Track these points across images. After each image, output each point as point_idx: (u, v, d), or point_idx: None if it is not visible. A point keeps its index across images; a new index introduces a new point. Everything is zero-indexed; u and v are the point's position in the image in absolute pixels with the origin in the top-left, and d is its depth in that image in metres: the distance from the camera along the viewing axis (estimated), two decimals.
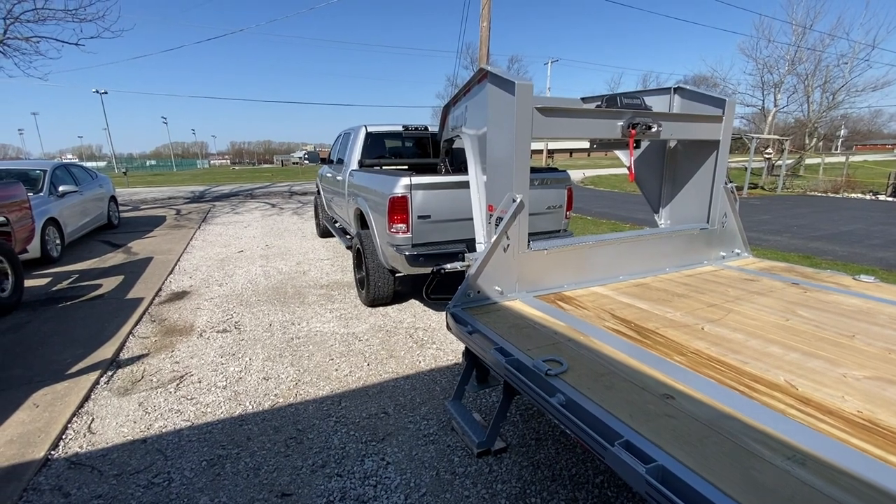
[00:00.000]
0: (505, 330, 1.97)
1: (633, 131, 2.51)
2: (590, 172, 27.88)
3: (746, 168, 15.91)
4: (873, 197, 14.39)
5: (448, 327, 2.27)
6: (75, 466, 2.36)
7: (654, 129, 2.59)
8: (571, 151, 70.31)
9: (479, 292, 2.34)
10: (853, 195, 14.94)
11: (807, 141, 21.41)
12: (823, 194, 15.54)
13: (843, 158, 19.89)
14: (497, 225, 2.34)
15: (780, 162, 17.48)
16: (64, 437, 2.59)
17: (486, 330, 1.97)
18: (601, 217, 10.68)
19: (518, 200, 2.31)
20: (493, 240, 2.29)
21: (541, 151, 39.94)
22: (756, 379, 1.52)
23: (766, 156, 19.35)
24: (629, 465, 1.12)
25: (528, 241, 2.47)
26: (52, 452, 2.46)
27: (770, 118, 21.71)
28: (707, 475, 1.06)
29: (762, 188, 17.61)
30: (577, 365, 1.62)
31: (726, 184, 3.05)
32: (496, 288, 2.38)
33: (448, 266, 2.55)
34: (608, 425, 1.25)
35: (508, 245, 2.36)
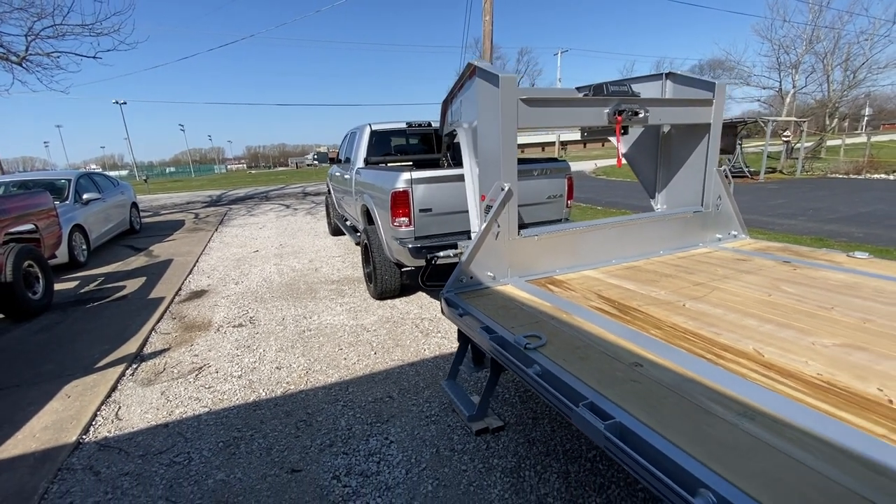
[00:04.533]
0: (493, 311, 2.08)
1: (620, 118, 2.58)
2: (602, 163, 27.60)
3: (763, 152, 15.57)
4: None
5: (442, 311, 2.39)
6: (104, 449, 2.56)
7: (641, 115, 2.65)
8: (585, 142, 69.58)
9: (471, 278, 2.44)
10: (876, 176, 14.50)
11: (827, 122, 20.82)
12: (845, 176, 15.11)
13: (865, 139, 19.26)
14: (487, 213, 2.44)
15: (798, 145, 17.05)
16: (94, 423, 2.80)
17: (476, 311, 2.08)
18: (611, 207, 10.64)
19: (507, 188, 2.40)
20: (483, 227, 2.40)
21: (553, 143, 39.60)
22: (726, 348, 1.60)
23: (785, 139, 18.88)
24: (590, 422, 1.22)
25: (519, 228, 2.57)
26: (84, 437, 2.67)
27: (788, 100, 21.17)
28: (661, 430, 1.16)
29: (781, 172, 17.21)
30: (555, 339, 1.72)
31: (719, 166, 3.09)
32: (488, 273, 2.49)
33: (441, 254, 2.66)
34: (576, 390, 1.35)
35: (499, 232, 2.46)
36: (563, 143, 55.69)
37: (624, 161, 3.40)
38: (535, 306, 2.11)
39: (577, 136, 3.31)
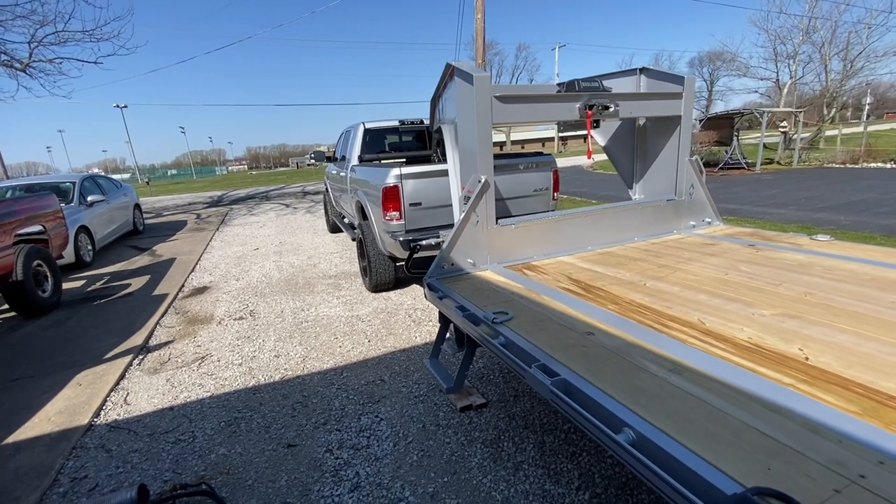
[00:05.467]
0: (469, 293, 2.26)
1: (590, 112, 2.74)
2: (599, 157, 27.64)
3: (760, 143, 15.67)
4: (894, 165, 14.03)
5: (425, 295, 2.56)
6: (115, 430, 2.75)
7: (611, 109, 2.80)
8: (585, 137, 69.51)
9: (452, 265, 2.62)
10: (872, 165, 14.58)
11: (825, 112, 20.85)
12: (841, 165, 15.19)
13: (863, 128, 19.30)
14: (465, 203, 2.61)
15: (796, 135, 17.12)
16: (104, 407, 3.00)
17: (453, 294, 2.26)
18: (606, 199, 10.77)
19: (483, 180, 2.57)
20: (461, 217, 2.57)
21: (552, 139, 39.70)
22: (673, 318, 1.77)
23: (782, 129, 18.94)
24: (540, 379, 1.39)
25: (499, 218, 2.73)
26: (95, 420, 2.86)
27: (785, 90, 21.20)
28: (598, 383, 1.33)
29: (778, 163, 17.29)
30: (520, 315, 1.89)
31: (691, 157, 3.24)
32: (469, 260, 2.66)
33: (423, 242, 2.84)
34: (531, 355, 1.53)
35: (478, 221, 2.63)
36: (563, 139, 55.68)
37: (601, 153, 3.55)
38: (509, 288, 2.28)
39: (576, 132, 3.46)
